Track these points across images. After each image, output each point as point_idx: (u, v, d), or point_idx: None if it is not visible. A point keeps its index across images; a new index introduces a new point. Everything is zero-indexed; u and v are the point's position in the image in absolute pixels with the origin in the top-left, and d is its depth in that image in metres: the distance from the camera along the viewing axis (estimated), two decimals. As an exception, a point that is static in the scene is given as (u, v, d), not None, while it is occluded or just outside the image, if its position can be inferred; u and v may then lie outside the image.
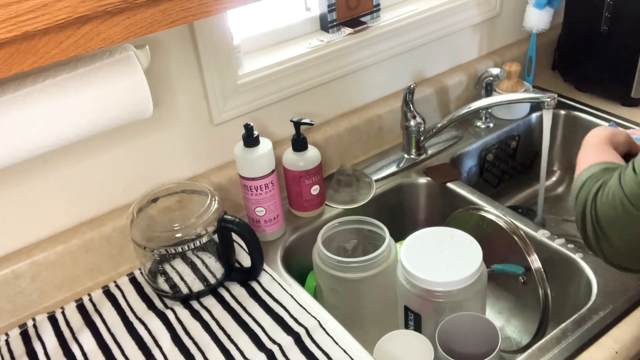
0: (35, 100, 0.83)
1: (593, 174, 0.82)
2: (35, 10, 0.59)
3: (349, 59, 1.24)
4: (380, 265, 0.96)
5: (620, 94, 1.41)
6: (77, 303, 1.00)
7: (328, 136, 1.25)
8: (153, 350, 0.90)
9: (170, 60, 1.02)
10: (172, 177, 1.11)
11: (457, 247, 0.92)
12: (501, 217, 1.09)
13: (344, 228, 1.06)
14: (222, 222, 0.96)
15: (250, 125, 1.03)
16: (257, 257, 0.99)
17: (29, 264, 0.98)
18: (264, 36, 1.19)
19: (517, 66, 1.38)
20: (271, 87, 1.15)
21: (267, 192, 1.07)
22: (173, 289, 0.98)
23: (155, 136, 1.06)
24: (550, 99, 1.11)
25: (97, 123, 0.88)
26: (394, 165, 1.30)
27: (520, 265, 1.05)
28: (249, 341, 0.90)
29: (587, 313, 0.92)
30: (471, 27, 1.43)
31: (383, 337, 0.87)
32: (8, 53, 0.61)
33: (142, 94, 0.91)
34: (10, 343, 0.94)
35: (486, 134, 1.38)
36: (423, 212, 1.30)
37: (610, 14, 1.34)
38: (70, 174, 1.00)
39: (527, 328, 1.12)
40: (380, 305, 1.00)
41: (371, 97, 1.33)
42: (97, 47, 0.66)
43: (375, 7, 1.27)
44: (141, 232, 0.94)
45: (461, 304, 0.88)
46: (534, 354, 0.87)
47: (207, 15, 0.72)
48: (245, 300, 0.98)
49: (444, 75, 1.43)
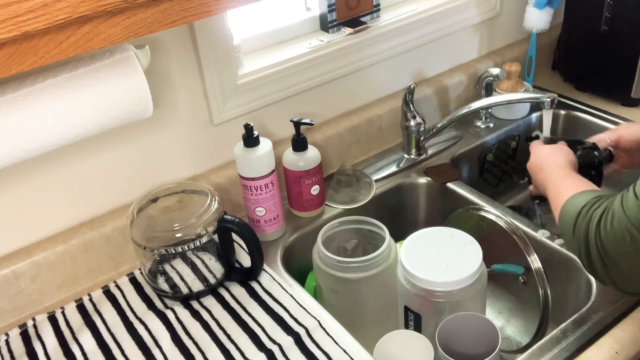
0: (35, 100, 0.83)
1: (587, 202, 0.81)
2: (35, 10, 0.59)
3: (349, 59, 1.24)
4: (380, 265, 0.96)
5: (620, 94, 1.41)
6: (77, 303, 1.00)
7: (328, 136, 1.25)
8: (153, 350, 0.90)
9: (170, 60, 1.02)
10: (172, 177, 1.11)
11: (457, 247, 0.92)
12: (501, 217, 1.09)
13: (344, 228, 1.06)
14: (222, 222, 0.96)
15: (250, 125, 1.03)
16: (257, 257, 0.99)
17: (29, 264, 0.98)
18: (264, 36, 1.19)
19: (517, 66, 1.38)
20: (271, 87, 1.15)
21: (267, 192, 1.07)
22: (173, 289, 0.98)
23: (155, 136, 1.06)
24: (550, 99, 1.11)
25: (97, 123, 0.88)
26: (394, 165, 1.30)
27: (520, 265, 1.05)
28: (249, 341, 0.90)
29: (587, 313, 0.92)
30: (471, 27, 1.43)
31: (383, 337, 0.87)
32: (8, 53, 0.61)
33: (142, 94, 0.91)
34: (10, 343, 0.94)
35: (486, 134, 1.38)
36: (423, 212, 1.30)
37: (610, 14, 1.34)
38: (70, 174, 1.00)
39: (527, 328, 1.12)
40: (380, 305, 1.00)
41: (371, 97, 1.33)
42: (97, 47, 0.66)
43: (375, 7, 1.27)
44: (141, 232, 0.94)
45: (461, 304, 0.88)
46: (534, 354, 0.87)
47: (207, 15, 0.72)
48: (245, 300, 0.98)
49: (444, 75, 1.43)
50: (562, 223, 0.86)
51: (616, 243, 0.74)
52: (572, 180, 0.92)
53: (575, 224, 0.81)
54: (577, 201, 0.83)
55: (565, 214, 0.85)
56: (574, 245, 0.82)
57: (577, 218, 0.81)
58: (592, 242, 0.77)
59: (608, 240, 0.75)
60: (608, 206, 0.77)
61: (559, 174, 0.96)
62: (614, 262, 0.76)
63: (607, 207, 0.77)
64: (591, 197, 0.82)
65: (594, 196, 0.82)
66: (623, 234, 0.73)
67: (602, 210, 0.77)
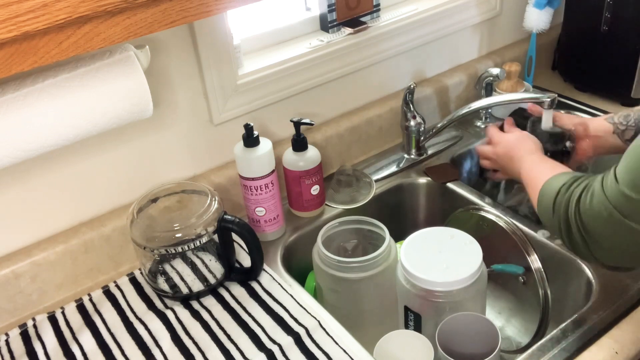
0: (35, 100, 0.83)
1: (566, 181, 0.83)
2: (35, 10, 0.59)
3: (349, 59, 1.24)
4: (380, 265, 0.96)
5: (620, 94, 1.41)
6: (77, 303, 1.00)
7: (328, 136, 1.25)
8: (153, 350, 0.90)
9: (170, 60, 1.02)
10: (172, 177, 1.11)
11: (457, 247, 0.92)
12: (501, 217, 1.09)
13: (344, 228, 1.06)
14: (222, 222, 0.96)
15: (250, 125, 1.03)
16: (257, 257, 0.99)
17: (29, 264, 0.98)
18: (264, 36, 1.19)
19: (517, 66, 1.38)
20: (271, 87, 1.15)
21: (267, 192, 1.07)
22: (173, 289, 0.98)
23: (155, 136, 1.06)
24: (550, 99, 1.11)
25: (97, 123, 0.88)
26: (394, 165, 1.30)
27: (520, 265, 1.05)
28: (249, 341, 0.90)
29: (587, 313, 0.92)
30: (471, 27, 1.43)
31: (383, 337, 0.87)
32: (8, 53, 0.61)
33: (142, 94, 0.91)
34: (10, 343, 0.94)
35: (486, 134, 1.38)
36: (423, 212, 1.30)
37: (610, 14, 1.34)
38: (70, 174, 1.00)
39: (527, 328, 1.12)
40: (380, 305, 1.00)
41: (371, 97, 1.33)
42: (97, 47, 0.66)
43: (375, 7, 1.27)
44: (141, 232, 0.94)
45: (461, 304, 0.88)
46: (534, 354, 0.87)
47: (207, 15, 0.72)
48: (245, 300, 0.98)
49: (444, 75, 1.43)
50: (540, 203, 0.87)
51: (595, 221, 0.76)
52: (547, 165, 0.95)
53: (555, 202, 0.83)
54: (556, 182, 0.85)
55: (544, 195, 0.86)
56: (554, 222, 0.84)
57: (557, 197, 0.83)
58: (572, 219, 0.79)
59: (587, 217, 0.77)
60: (589, 185, 0.79)
61: (532, 160, 0.99)
62: (593, 239, 0.78)
63: (587, 185, 0.79)
64: (569, 177, 0.84)
65: (572, 176, 0.84)
66: (601, 212, 0.75)
67: (582, 189, 0.79)
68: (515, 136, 1.09)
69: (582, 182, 0.81)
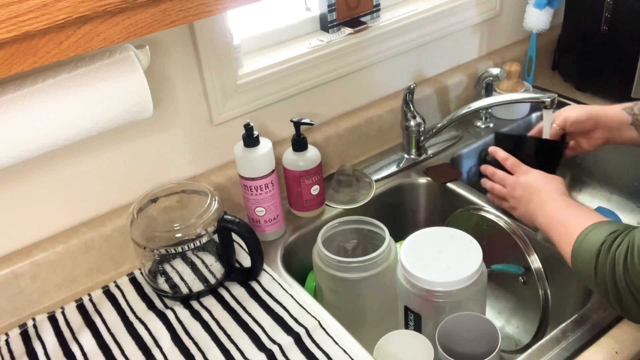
0: (35, 101, 0.83)
1: (605, 239, 0.79)
2: (35, 10, 0.59)
3: (349, 59, 1.24)
4: (380, 265, 0.96)
5: (620, 94, 1.41)
6: (77, 303, 1.00)
7: (328, 136, 1.25)
8: (153, 350, 0.90)
9: (170, 60, 1.02)
10: (172, 177, 1.11)
11: (457, 247, 0.92)
12: (501, 217, 1.09)
13: (344, 228, 1.06)
14: (222, 222, 0.96)
15: (250, 125, 1.03)
16: (257, 257, 0.99)
17: (29, 264, 0.98)
18: (264, 36, 1.19)
19: (517, 66, 1.39)
20: (271, 87, 1.15)
21: (267, 192, 1.07)
22: (173, 289, 0.98)
23: (155, 136, 1.06)
24: (550, 99, 1.11)
25: (97, 123, 0.88)
26: (394, 165, 1.30)
27: (520, 265, 1.05)
28: (249, 341, 0.90)
29: (587, 313, 0.92)
30: (471, 27, 1.43)
31: (383, 337, 0.87)
32: (8, 53, 0.61)
33: (142, 94, 0.91)
34: (10, 343, 0.94)
35: (486, 134, 1.38)
36: (423, 212, 1.30)
37: (610, 14, 1.34)
38: (70, 174, 1.00)
39: (527, 328, 1.12)
40: (380, 305, 1.00)
41: (371, 97, 1.33)
42: (97, 47, 0.66)
43: (375, 7, 1.27)
44: (141, 232, 0.94)
45: (461, 304, 0.88)
46: (534, 354, 0.87)
47: (207, 15, 0.72)
48: (245, 300, 0.98)
49: (444, 75, 1.43)
50: (578, 264, 0.83)
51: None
52: (576, 210, 0.89)
53: (597, 265, 0.79)
54: (592, 239, 0.80)
55: (582, 255, 0.82)
56: (598, 287, 0.80)
57: (598, 258, 0.78)
58: (622, 284, 0.75)
59: (638, 278, 0.74)
60: (630, 243, 0.75)
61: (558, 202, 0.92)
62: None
63: (629, 244, 0.75)
64: (606, 232, 0.79)
65: (609, 232, 0.79)
66: None
67: (625, 249, 0.75)
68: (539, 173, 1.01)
69: (623, 240, 0.76)
